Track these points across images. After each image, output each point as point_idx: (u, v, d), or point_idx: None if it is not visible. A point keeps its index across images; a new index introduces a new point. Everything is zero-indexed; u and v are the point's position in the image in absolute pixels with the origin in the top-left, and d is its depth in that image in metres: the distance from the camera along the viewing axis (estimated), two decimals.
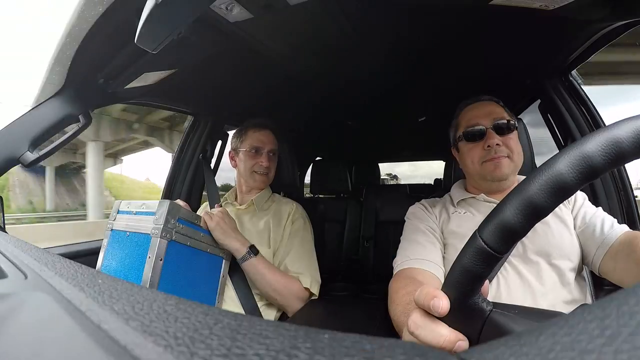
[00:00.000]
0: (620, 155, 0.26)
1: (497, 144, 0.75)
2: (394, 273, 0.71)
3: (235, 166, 1.11)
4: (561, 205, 0.27)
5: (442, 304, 0.31)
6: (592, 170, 0.26)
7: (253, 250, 0.89)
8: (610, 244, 0.63)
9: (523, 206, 0.28)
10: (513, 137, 0.77)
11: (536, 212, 0.27)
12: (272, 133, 1.11)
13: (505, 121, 0.77)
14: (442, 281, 0.68)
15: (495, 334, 0.30)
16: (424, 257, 0.70)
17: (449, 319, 0.32)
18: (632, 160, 0.27)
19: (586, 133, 1.02)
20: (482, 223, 0.30)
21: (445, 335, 0.31)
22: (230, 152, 1.15)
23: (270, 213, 1.05)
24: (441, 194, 0.92)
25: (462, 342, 0.32)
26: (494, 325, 0.31)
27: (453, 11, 0.77)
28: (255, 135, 1.08)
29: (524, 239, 0.29)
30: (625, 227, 0.66)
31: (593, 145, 0.27)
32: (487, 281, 0.32)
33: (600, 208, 0.74)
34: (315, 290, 0.96)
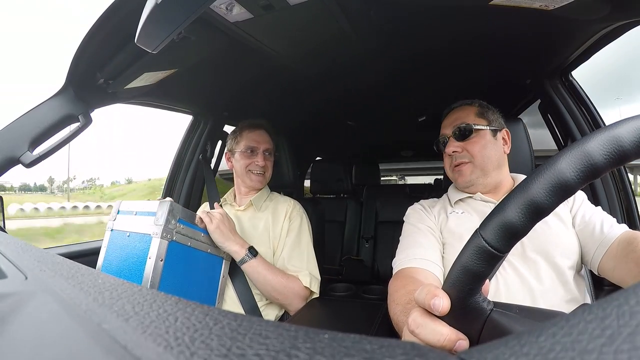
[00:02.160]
0: (622, 154, 0.26)
1: (454, 151, 0.79)
2: (394, 273, 0.71)
3: (231, 167, 1.12)
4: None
5: (443, 303, 0.31)
6: (594, 169, 0.26)
7: (252, 252, 0.89)
8: (609, 243, 0.63)
9: (525, 205, 0.28)
10: (476, 141, 0.78)
11: (538, 211, 0.27)
12: (266, 132, 1.11)
13: (464, 125, 0.78)
14: (442, 280, 0.68)
15: (496, 333, 0.30)
16: (424, 257, 0.70)
17: (449, 318, 0.32)
18: (633, 159, 0.27)
19: (586, 133, 1.02)
20: (483, 222, 0.30)
21: (445, 334, 0.31)
22: (226, 154, 1.15)
23: (269, 212, 1.05)
24: (440, 194, 0.92)
25: (462, 342, 0.32)
26: (494, 325, 0.31)
27: (453, 11, 0.77)
28: (250, 136, 1.08)
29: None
30: (624, 227, 0.66)
31: (594, 144, 0.27)
32: (487, 280, 0.32)
33: (599, 207, 0.74)
34: (315, 288, 0.96)
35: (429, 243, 0.75)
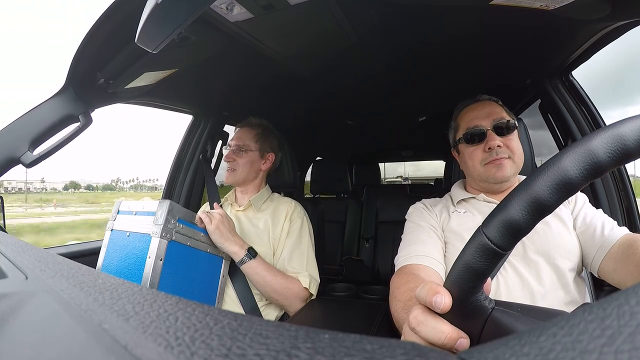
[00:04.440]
0: (626, 152, 0.26)
1: (498, 146, 0.75)
2: (396, 269, 0.71)
3: None
4: (561, 205, 0.27)
5: (445, 300, 0.31)
6: (598, 167, 0.26)
7: (251, 253, 0.89)
8: (609, 246, 0.63)
9: (528, 202, 0.27)
10: (513, 138, 0.77)
11: (541, 208, 0.27)
12: (249, 130, 1.11)
13: (506, 121, 0.77)
14: (444, 278, 0.68)
15: (497, 332, 0.30)
16: (426, 254, 0.70)
17: (450, 316, 0.32)
18: (637, 158, 0.27)
19: (586, 133, 1.02)
20: (486, 219, 0.30)
21: (446, 332, 0.31)
22: None
23: (269, 213, 1.05)
24: (441, 194, 0.92)
25: (463, 340, 0.31)
26: (496, 324, 0.31)
27: (453, 11, 0.77)
28: (235, 134, 1.11)
29: (524, 238, 0.29)
30: (625, 230, 0.66)
31: (598, 142, 0.27)
32: (489, 279, 0.32)
33: (600, 210, 0.74)
34: (314, 290, 0.96)
35: (431, 240, 0.74)
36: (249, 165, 1.07)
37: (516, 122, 0.80)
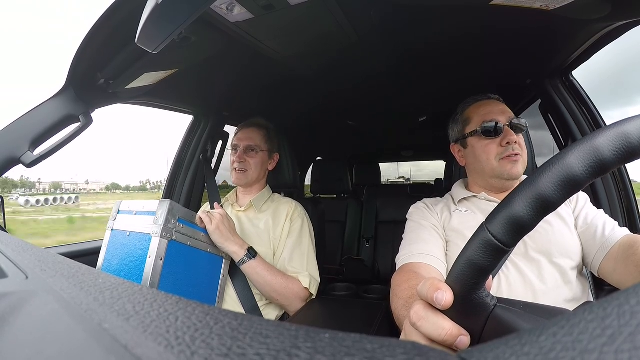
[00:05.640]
0: (630, 151, 0.26)
1: (515, 142, 0.76)
2: (397, 268, 0.71)
3: None
4: (562, 204, 0.27)
5: (446, 296, 0.30)
6: (603, 165, 0.26)
7: (251, 253, 0.89)
8: (610, 246, 0.63)
9: (533, 198, 0.27)
10: (522, 138, 0.79)
11: (545, 205, 0.27)
12: (257, 130, 1.11)
13: (521, 121, 0.79)
14: (445, 277, 0.68)
15: (499, 329, 0.30)
16: (428, 252, 0.70)
17: (451, 313, 0.31)
18: None
19: (587, 133, 1.02)
20: (489, 215, 0.30)
21: (447, 328, 0.31)
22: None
23: (270, 213, 1.05)
24: (442, 194, 0.92)
25: (463, 337, 0.31)
26: (497, 321, 0.30)
27: (453, 11, 0.77)
28: (239, 134, 1.11)
29: (525, 237, 0.29)
30: (625, 230, 0.66)
31: (603, 140, 0.27)
32: (490, 276, 0.32)
33: (601, 210, 0.74)
34: (314, 290, 0.96)
35: (432, 239, 0.74)
36: (260, 165, 1.08)
37: (526, 124, 0.81)
